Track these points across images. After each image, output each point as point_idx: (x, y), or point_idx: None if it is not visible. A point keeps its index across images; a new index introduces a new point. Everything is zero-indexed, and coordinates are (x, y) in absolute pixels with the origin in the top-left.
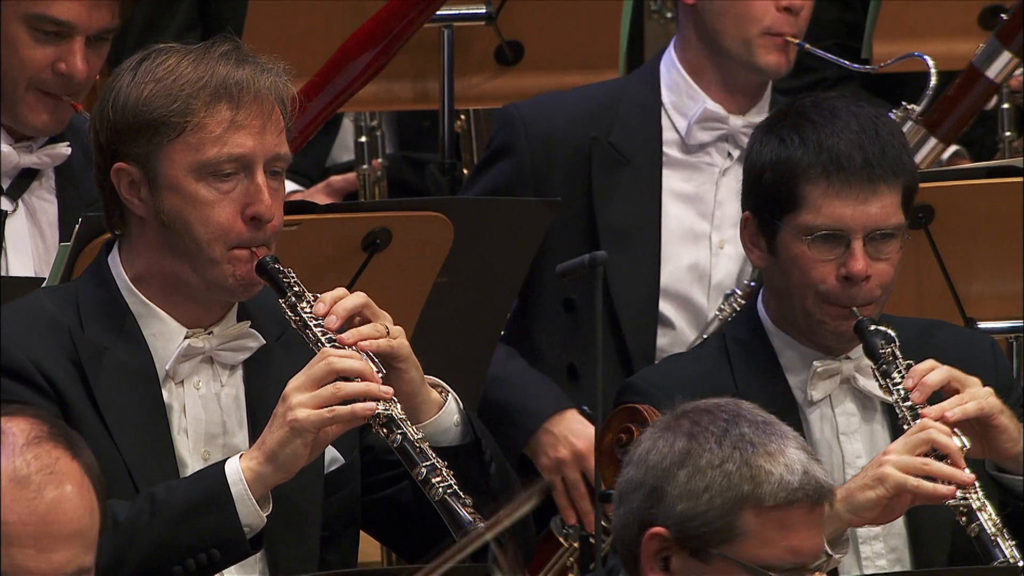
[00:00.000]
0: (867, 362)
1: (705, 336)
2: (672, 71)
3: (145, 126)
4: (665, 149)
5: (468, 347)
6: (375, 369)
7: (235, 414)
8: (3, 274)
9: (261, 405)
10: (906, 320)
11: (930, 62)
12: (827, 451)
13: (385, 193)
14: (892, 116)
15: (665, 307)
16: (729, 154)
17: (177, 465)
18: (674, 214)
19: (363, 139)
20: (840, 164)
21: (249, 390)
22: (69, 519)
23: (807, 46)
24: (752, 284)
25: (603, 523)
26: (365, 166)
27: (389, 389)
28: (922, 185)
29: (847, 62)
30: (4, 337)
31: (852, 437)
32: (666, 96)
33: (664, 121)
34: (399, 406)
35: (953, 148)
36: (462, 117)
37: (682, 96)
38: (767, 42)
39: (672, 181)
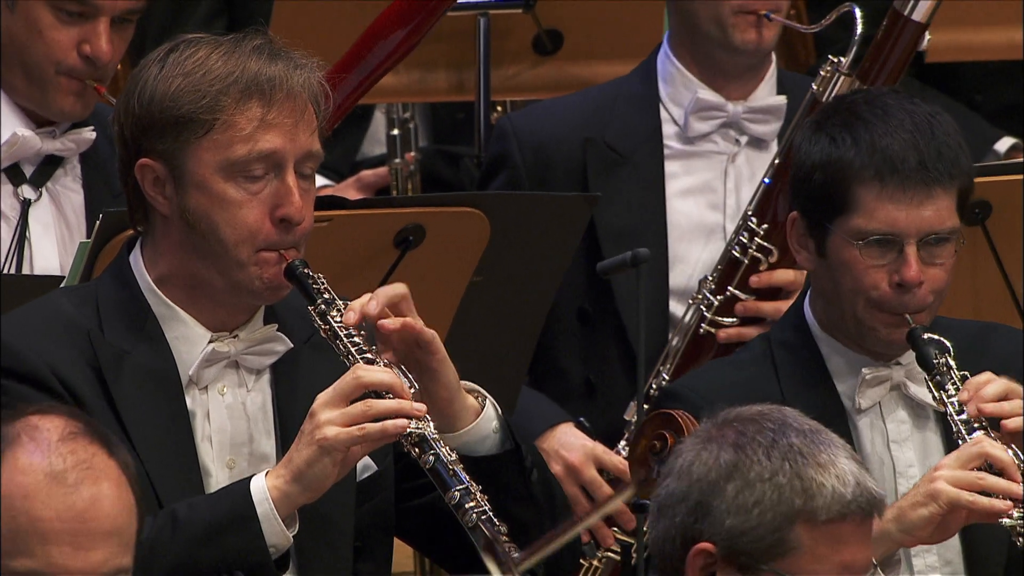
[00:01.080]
0: (919, 369)
1: (685, 326)
2: (666, 62)
3: (172, 122)
4: (666, 142)
5: (505, 349)
6: (407, 384)
7: (262, 421)
8: (27, 265)
9: (289, 411)
10: (961, 323)
11: (857, 13)
12: (877, 461)
13: (418, 188)
14: (821, 73)
15: (677, 308)
16: (736, 140)
17: (201, 474)
18: (681, 210)
19: (395, 132)
20: (894, 166)
21: (277, 396)
22: (107, 516)
23: (774, 16)
24: (718, 267)
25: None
26: (397, 160)
27: (422, 407)
28: (978, 180)
29: (799, 24)
30: (20, 341)
31: (903, 446)
32: (662, 88)
33: (663, 114)
34: (432, 424)
35: (1010, 141)
36: (499, 108)
37: (677, 87)
38: (740, 20)
39: (676, 175)
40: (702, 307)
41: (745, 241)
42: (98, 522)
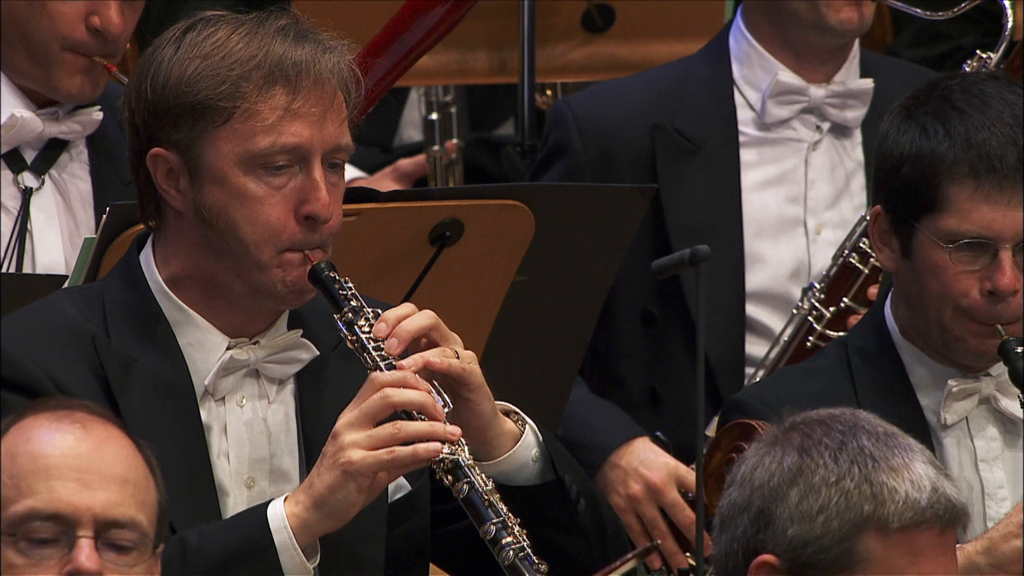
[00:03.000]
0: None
1: (787, 339)
2: (741, 41)
3: (188, 109)
4: (741, 128)
5: (551, 356)
6: (441, 403)
7: (284, 436)
8: (28, 261)
9: (315, 426)
10: None
11: (1007, 4)
12: (964, 483)
13: (460, 179)
14: (965, 68)
15: (755, 311)
16: (818, 127)
17: (216, 494)
18: (758, 203)
19: (434, 116)
20: (991, 163)
21: (301, 409)
22: (117, 461)
23: None
24: (830, 275)
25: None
26: (436, 148)
27: (456, 430)
28: None
29: (919, 10)
30: (19, 348)
31: (993, 465)
32: (737, 70)
33: (737, 98)
34: (467, 449)
35: None
36: (548, 92)
37: (754, 68)
38: None
39: (752, 165)
40: (809, 318)
41: (865, 248)
42: (106, 463)
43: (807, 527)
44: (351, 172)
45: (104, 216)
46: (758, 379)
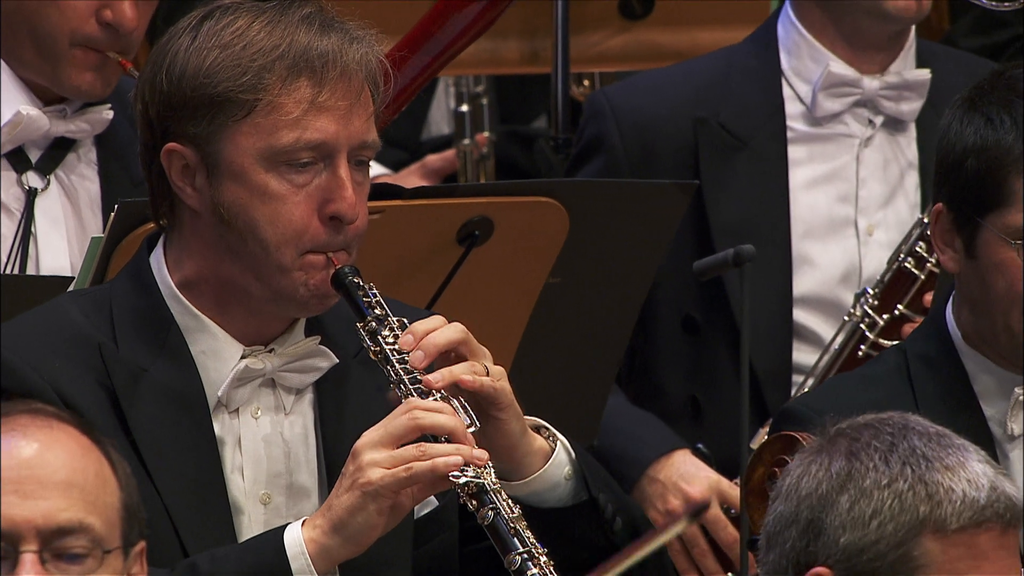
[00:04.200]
0: None
1: (837, 347)
2: (790, 30)
3: (206, 102)
4: (790, 123)
5: (586, 363)
6: (468, 422)
7: (303, 450)
8: (32, 265)
9: (335, 438)
10: None
11: None
12: None
13: (491, 175)
14: None
15: (803, 316)
16: (870, 121)
17: (231, 512)
18: (807, 202)
19: (464, 108)
20: None
21: (321, 420)
22: (62, 466)
23: None
24: (885, 280)
25: None
26: (466, 141)
27: (483, 454)
28: None
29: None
30: (20, 356)
31: None
32: (785, 60)
33: (785, 90)
34: (492, 471)
35: None
36: (585, 83)
37: (803, 59)
38: None
39: (801, 162)
40: (861, 325)
41: (922, 252)
42: (48, 469)
43: (861, 533)
44: (375, 169)
45: (112, 214)
46: (807, 389)
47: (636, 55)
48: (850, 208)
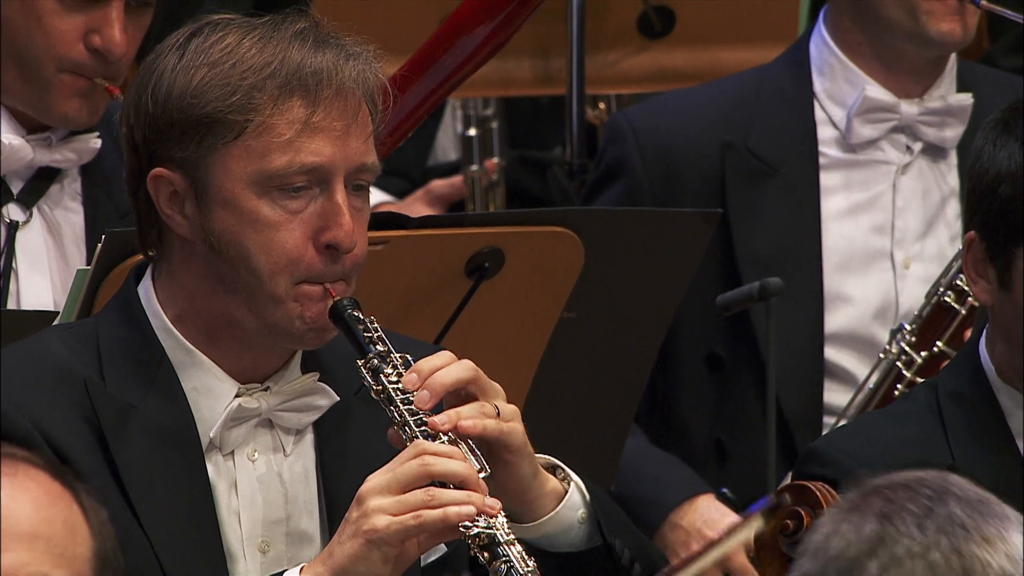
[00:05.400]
0: None
1: (872, 387)
2: (823, 51)
3: (194, 124)
4: (822, 148)
5: (603, 402)
6: (478, 467)
7: (303, 493)
8: (12, 303)
9: (337, 480)
10: None
11: None
12: None
13: (501, 203)
14: None
15: (835, 354)
16: (908, 147)
17: (225, 559)
18: (840, 233)
19: (472, 132)
20: None
21: (321, 462)
22: (25, 518)
23: (983, 3)
24: (923, 316)
25: None
26: (475, 167)
27: (496, 503)
28: None
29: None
30: (1, 393)
31: None
32: (818, 83)
33: (818, 114)
34: (504, 519)
35: None
36: (601, 105)
37: (837, 81)
38: (937, 6)
39: (834, 190)
40: (898, 363)
41: (963, 285)
42: (10, 521)
43: None
44: (377, 196)
45: (99, 245)
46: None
47: (656, 76)
48: (886, 239)
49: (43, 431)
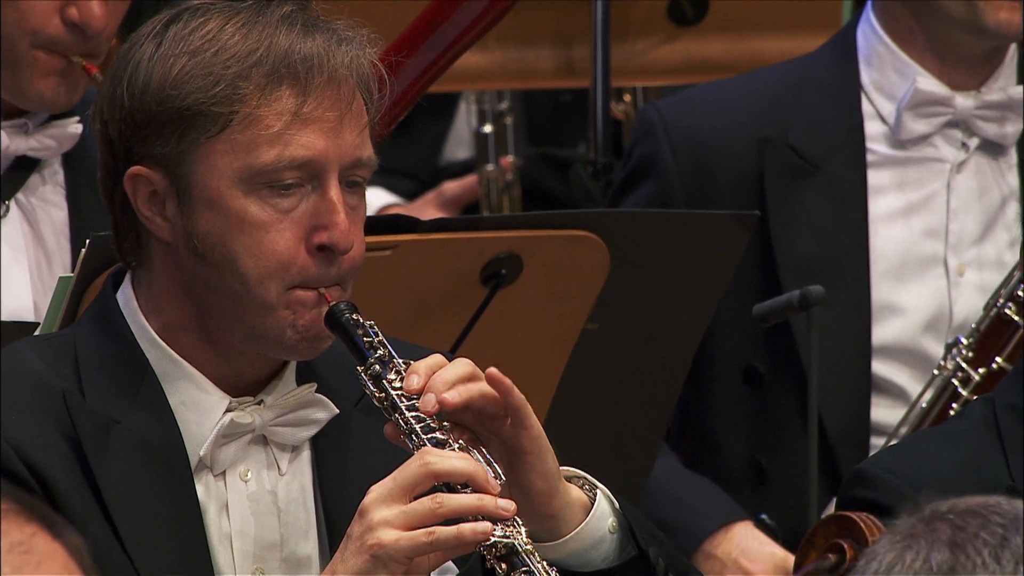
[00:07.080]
0: None
1: (925, 405)
2: (871, 39)
3: (175, 118)
4: (870, 145)
5: (630, 420)
6: (491, 474)
7: (301, 514)
8: None
9: (337, 500)
10: None
11: None
12: None
13: (517, 204)
14: None
15: (883, 368)
16: (964, 144)
17: None
18: (889, 236)
19: (487, 129)
20: None
21: (320, 481)
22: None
23: None
24: (981, 329)
25: None
26: (490, 167)
27: (511, 504)
28: None
29: None
30: None
31: None
32: (866, 74)
33: (865, 108)
34: (523, 529)
35: None
36: (627, 98)
37: (887, 72)
38: None
39: (883, 190)
40: (954, 380)
41: None
42: None
43: None
44: (385, 198)
45: (83, 250)
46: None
47: (687, 67)
48: (939, 244)
49: (19, 450)
